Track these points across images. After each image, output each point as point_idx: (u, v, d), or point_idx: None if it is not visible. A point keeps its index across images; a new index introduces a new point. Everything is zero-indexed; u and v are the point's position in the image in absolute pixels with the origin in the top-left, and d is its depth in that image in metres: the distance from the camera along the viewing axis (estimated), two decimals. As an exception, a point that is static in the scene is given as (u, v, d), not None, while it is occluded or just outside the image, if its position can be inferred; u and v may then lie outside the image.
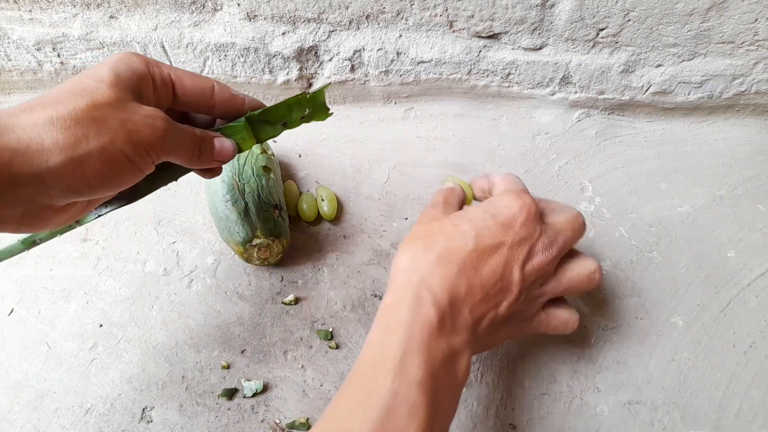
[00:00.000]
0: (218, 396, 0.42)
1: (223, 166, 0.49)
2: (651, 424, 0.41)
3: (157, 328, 0.46)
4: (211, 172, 0.39)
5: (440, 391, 0.30)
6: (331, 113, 0.39)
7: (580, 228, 0.38)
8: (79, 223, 0.36)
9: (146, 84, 0.32)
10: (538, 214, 0.36)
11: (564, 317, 0.39)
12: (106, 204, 0.36)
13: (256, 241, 0.45)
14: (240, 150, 0.37)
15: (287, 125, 0.38)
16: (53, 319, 0.46)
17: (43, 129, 0.26)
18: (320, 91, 0.38)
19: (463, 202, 0.42)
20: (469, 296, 0.33)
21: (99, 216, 0.36)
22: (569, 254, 0.38)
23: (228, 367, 0.44)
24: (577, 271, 0.38)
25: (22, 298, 0.48)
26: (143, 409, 0.42)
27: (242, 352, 0.45)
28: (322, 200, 0.52)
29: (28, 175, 0.26)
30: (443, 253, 0.33)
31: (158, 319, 0.46)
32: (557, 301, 0.39)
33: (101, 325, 0.46)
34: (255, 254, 0.47)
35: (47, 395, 0.42)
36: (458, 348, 0.31)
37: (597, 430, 0.41)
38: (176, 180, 0.38)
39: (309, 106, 0.38)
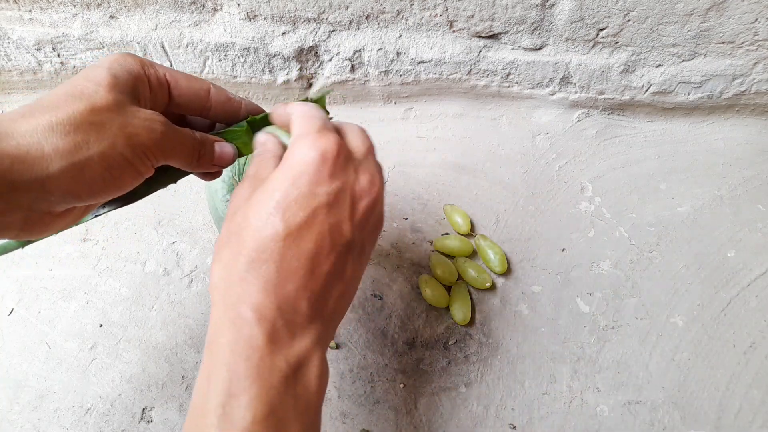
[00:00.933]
0: (218, 396, 0.42)
1: (223, 166, 0.49)
2: (651, 424, 0.41)
3: (157, 328, 0.46)
4: (210, 175, 0.39)
5: (286, 420, 0.25)
6: (332, 118, 0.39)
7: (366, 137, 0.33)
8: (76, 222, 0.36)
9: (142, 85, 0.31)
10: (345, 153, 0.30)
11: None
12: (104, 205, 0.36)
13: None
14: (240, 155, 0.37)
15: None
16: (53, 319, 0.46)
17: (42, 135, 0.26)
18: (322, 97, 0.38)
19: (280, 158, 0.32)
20: (301, 286, 0.27)
21: (96, 216, 0.36)
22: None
23: (228, 367, 0.44)
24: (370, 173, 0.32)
25: (22, 298, 0.48)
26: (143, 409, 0.42)
27: (242, 352, 0.45)
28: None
29: (28, 182, 0.26)
30: (253, 254, 0.27)
31: (158, 319, 0.46)
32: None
33: (101, 325, 0.46)
34: None
35: (47, 395, 0.42)
36: (303, 355, 0.27)
37: (597, 430, 0.41)
38: (175, 182, 0.38)
39: None
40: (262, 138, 0.35)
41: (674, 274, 0.49)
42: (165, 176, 0.36)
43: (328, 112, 0.39)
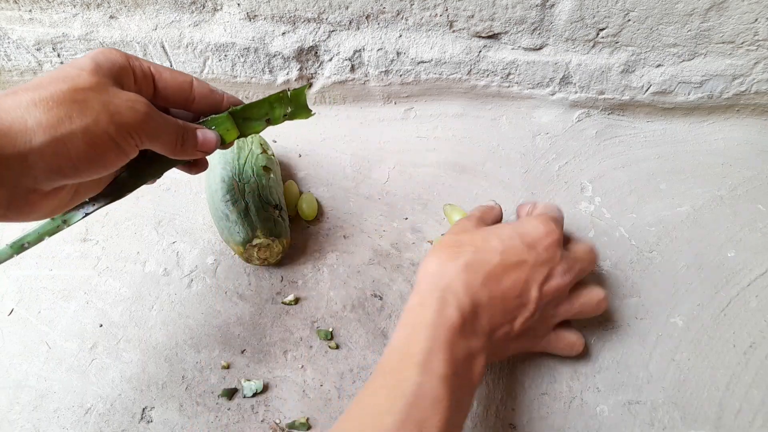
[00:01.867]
0: (218, 396, 0.42)
1: (223, 165, 0.49)
2: (651, 424, 0.41)
3: (157, 328, 0.46)
4: (196, 166, 0.40)
5: (460, 388, 0.32)
6: (314, 113, 0.41)
7: (594, 259, 0.42)
8: (66, 223, 0.36)
9: (127, 75, 0.32)
10: (561, 242, 0.39)
11: (572, 340, 0.42)
12: (93, 202, 0.36)
13: (256, 241, 0.45)
14: (223, 142, 0.38)
15: (270, 122, 0.40)
16: (53, 319, 0.46)
17: (26, 110, 0.27)
18: (301, 90, 0.39)
19: (498, 222, 0.45)
20: (489, 306, 0.35)
21: (87, 215, 0.36)
22: (581, 282, 0.42)
23: (228, 367, 0.44)
24: (588, 297, 0.41)
25: (22, 298, 0.48)
26: (143, 409, 0.42)
27: (242, 352, 0.45)
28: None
29: (11, 156, 0.26)
30: (470, 263, 0.36)
31: (158, 319, 0.46)
32: (566, 324, 0.42)
33: (101, 325, 0.46)
34: (255, 254, 0.47)
35: (47, 395, 0.42)
36: (476, 350, 0.34)
37: (597, 430, 0.41)
38: (160, 175, 0.38)
39: (291, 105, 0.39)
40: (494, 205, 0.46)
41: (674, 274, 0.49)
42: (151, 167, 0.37)
43: (309, 108, 0.40)
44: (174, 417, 0.41)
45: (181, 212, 0.53)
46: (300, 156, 0.59)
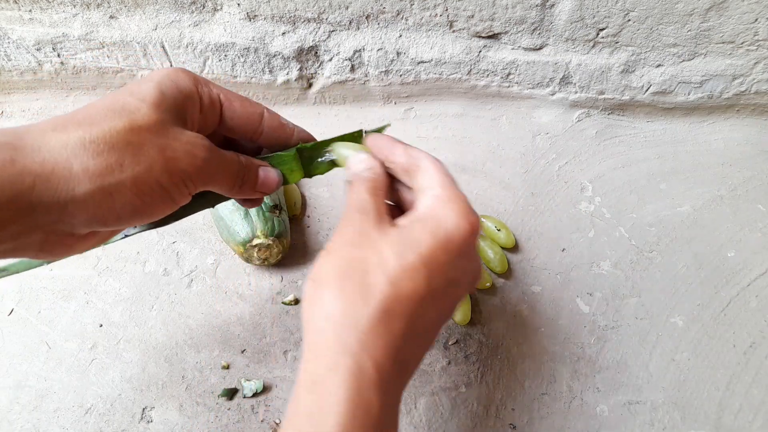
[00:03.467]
0: (218, 396, 0.42)
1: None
2: (651, 424, 0.41)
3: (157, 328, 0.46)
4: (252, 201, 0.35)
5: None
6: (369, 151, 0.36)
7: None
8: (102, 243, 0.33)
9: (193, 105, 0.29)
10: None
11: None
12: (135, 226, 0.33)
13: (256, 242, 0.45)
14: (286, 182, 0.34)
15: (336, 162, 0.35)
16: (53, 319, 0.46)
17: (72, 152, 0.24)
18: (379, 130, 0.35)
19: (388, 189, 0.32)
20: (415, 353, 0.27)
21: (126, 236, 0.33)
22: None
23: (228, 367, 0.44)
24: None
25: (22, 298, 0.48)
26: (143, 409, 0.42)
27: (242, 352, 0.45)
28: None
29: (49, 204, 0.23)
30: (388, 304, 0.25)
31: (158, 319, 0.46)
32: None
33: (101, 325, 0.46)
34: (255, 254, 0.47)
35: (47, 395, 0.42)
36: (397, 417, 0.26)
37: (597, 430, 0.41)
38: (213, 207, 0.35)
39: (359, 141, 0.35)
40: (367, 160, 0.31)
41: (674, 274, 0.49)
42: (203, 201, 0.33)
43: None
44: (174, 417, 0.41)
45: (181, 212, 0.53)
46: (300, 156, 0.59)
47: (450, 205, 0.27)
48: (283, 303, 0.47)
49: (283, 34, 0.56)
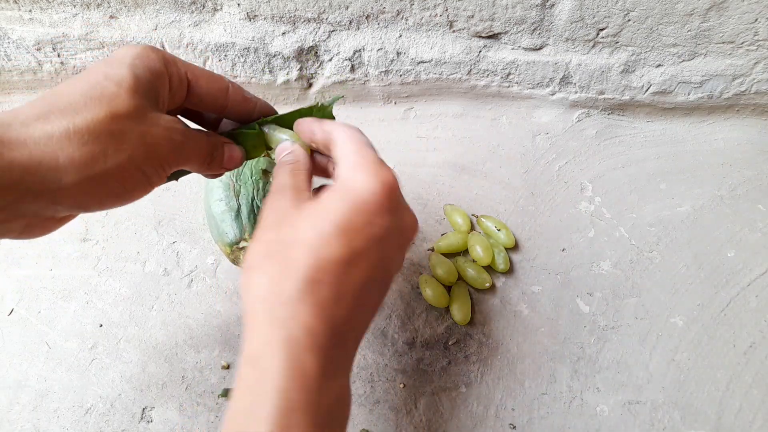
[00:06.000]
0: (218, 396, 0.42)
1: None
2: (651, 424, 0.41)
3: (157, 328, 0.46)
4: (214, 174, 0.38)
5: None
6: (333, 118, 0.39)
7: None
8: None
9: (163, 85, 0.29)
10: (399, 189, 0.30)
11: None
12: None
13: (243, 244, 0.45)
14: (248, 157, 0.36)
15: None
16: (53, 319, 0.46)
17: (58, 143, 0.24)
18: (333, 101, 0.37)
19: (312, 173, 0.33)
20: (349, 316, 0.27)
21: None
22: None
23: (228, 367, 0.44)
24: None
25: (22, 298, 0.48)
26: (143, 409, 0.42)
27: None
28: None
29: (37, 194, 0.24)
30: (310, 274, 0.25)
31: (158, 319, 0.46)
32: None
33: (101, 325, 0.46)
34: (242, 257, 0.46)
35: (47, 395, 0.42)
36: (344, 387, 0.26)
37: (597, 430, 0.41)
38: (177, 179, 0.37)
39: (318, 116, 0.37)
40: (289, 147, 0.33)
41: (674, 274, 0.49)
42: (170, 176, 0.36)
43: (333, 117, 0.38)
44: (174, 417, 0.41)
45: (181, 212, 0.53)
46: (300, 156, 0.59)
47: (359, 168, 0.28)
48: (283, 303, 0.47)
49: (283, 34, 0.56)
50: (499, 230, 0.50)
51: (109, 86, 0.26)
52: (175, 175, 0.36)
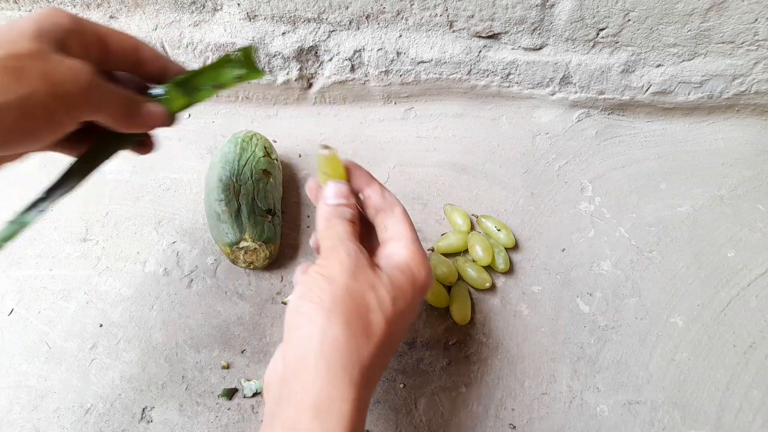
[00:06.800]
0: (218, 396, 0.42)
1: (223, 165, 0.49)
2: (651, 424, 0.41)
3: (157, 328, 0.46)
4: (145, 146, 0.38)
5: None
6: (265, 74, 0.39)
7: None
8: (24, 225, 0.33)
9: (72, 39, 0.30)
10: None
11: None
12: (46, 197, 0.34)
13: (243, 244, 0.45)
14: (171, 111, 0.37)
15: (222, 86, 0.39)
16: (53, 319, 0.46)
17: None
18: (248, 49, 0.38)
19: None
20: (376, 376, 0.30)
21: (42, 212, 0.34)
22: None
23: (228, 367, 0.44)
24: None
25: (22, 298, 0.48)
26: (143, 409, 0.42)
27: (242, 352, 0.45)
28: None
29: None
30: (383, 343, 0.29)
31: (158, 319, 0.46)
32: None
33: (101, 325, 0.46)
34: (241, 257, 0.46)
35: (47, 395, 0.42)
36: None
37: (597, 430, 0.41)
38: (110, 158, 0.36)
39: (241, 67, 0.39)
40: (343, 197, 0.35)
41: (674, 274, 0.49)
42: (99, 150, 0.35)
43: (258, 68, 0.39)
44: (174, 417, 0.41)
45: (181, 212, 0.53)
46: (300, 156, 0.59)
47: (422, 261, 0.33)
48: (283, 303, 0.47)
49: (283, 34, 0.56)
50: (499, 230, 0.50)
51: (10, 33, 0.27)
52: (106, 148, 0.35)
